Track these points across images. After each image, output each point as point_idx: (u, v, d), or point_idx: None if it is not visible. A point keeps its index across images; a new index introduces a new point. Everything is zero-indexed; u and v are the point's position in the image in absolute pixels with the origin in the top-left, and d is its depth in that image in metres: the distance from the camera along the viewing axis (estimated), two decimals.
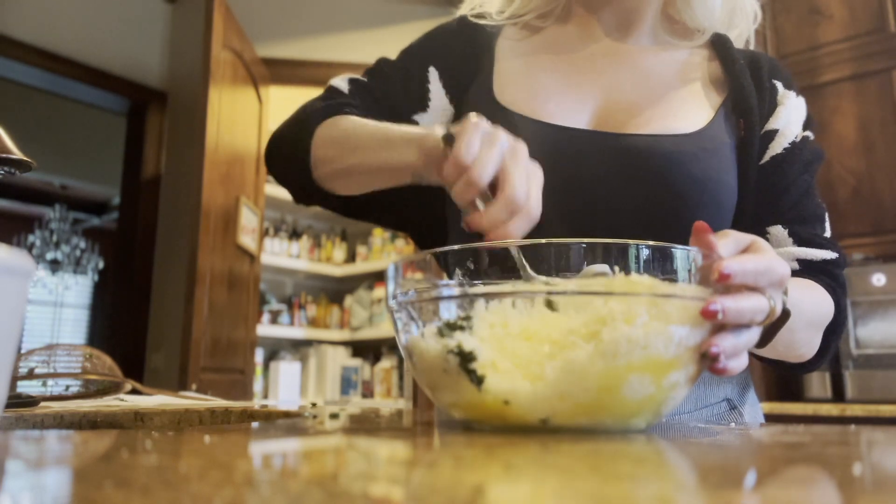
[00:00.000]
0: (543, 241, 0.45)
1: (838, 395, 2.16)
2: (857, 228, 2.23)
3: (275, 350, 3.69)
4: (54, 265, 6.57)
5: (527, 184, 0.53)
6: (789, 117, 0.81)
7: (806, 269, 0.77)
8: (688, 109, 0.79)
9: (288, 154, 0.82)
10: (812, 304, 0.72)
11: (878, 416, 1.94)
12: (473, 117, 0.57)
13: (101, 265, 6.87)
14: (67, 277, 6.79)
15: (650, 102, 0.79)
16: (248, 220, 2.95)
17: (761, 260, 0.50)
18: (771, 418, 2.20)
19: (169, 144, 3.54)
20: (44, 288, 6.75)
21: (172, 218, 3.39)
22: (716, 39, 0.86)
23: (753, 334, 0.49)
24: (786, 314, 0.54)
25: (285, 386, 3.30)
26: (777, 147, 0.80)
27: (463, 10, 0.92)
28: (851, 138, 2.29)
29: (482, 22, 0.88)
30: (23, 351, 0.87)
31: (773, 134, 0.80)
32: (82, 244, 6.72)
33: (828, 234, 0.81)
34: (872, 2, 2.30)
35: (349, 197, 0.82)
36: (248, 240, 2.93)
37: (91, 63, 3.35)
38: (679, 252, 0.45)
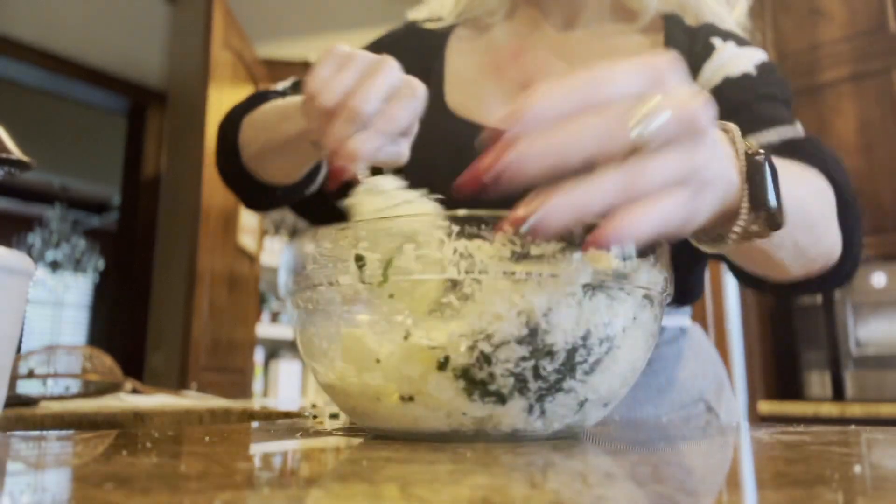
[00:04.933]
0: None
1: (838, 395, 2.16)
2: None
3: (275, 350, 3.69)
4: (54, 265, 6.57)
5: (377, 96, 0.46)
6: (718, 64, 0.71)
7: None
8: None
9: (221, 152, 0.77)
10: (802, 173, 0.54)
11: (878, 416, 1.94)
12: (333, 47, 0.49)
13: (101, 265, 6.87)
14: (67, 277, 6.79)
15: None
16: (248, 220, 2.95)
17: (587, 75, 0.32)
18: (771, 418, 2.20)
19: (169, 144, 3.54)
20: (44, 288, 6.74)
21: (172, 218, 3.39)
22: (668, 19, 0.81)
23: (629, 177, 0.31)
24: (766, 165, 0.37)
25: (285, 386, 3.29)
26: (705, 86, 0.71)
27: (414, 15, 0.89)
28: (851, 138, 2.29)
29: (431, 26, 0.85)
30: (23, 351, 0.87)
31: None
32: (82, 244, 6.72)
33: (799, 132, 0.66)
34: (872, 2, 2.30)
35: (298, 193, 0.75)
36: (248, 240, 2.93)
37: (91, 63, 3.34)
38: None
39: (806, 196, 0.50)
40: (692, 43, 0.77)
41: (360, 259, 0.39)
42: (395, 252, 0.39)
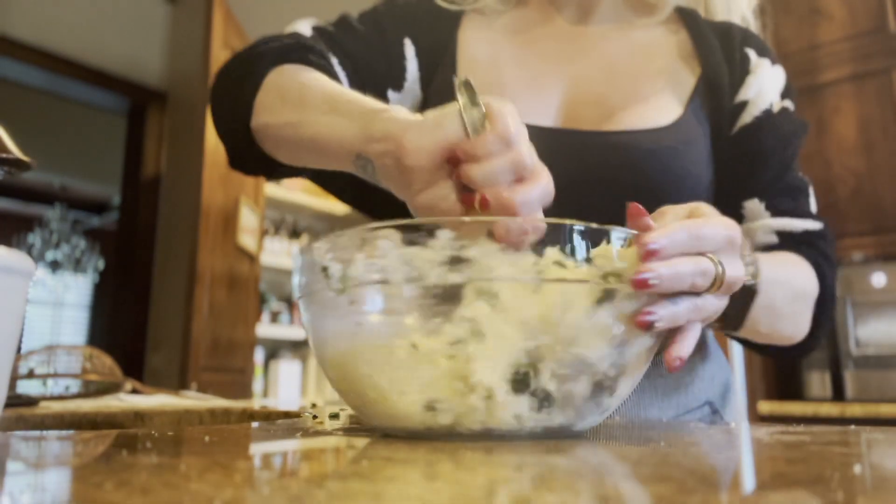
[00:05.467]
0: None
1: (838, 395, 2.16)
2: (857, 228, 2.23)
3: (275, 350, 3.69)
4: (54, 265, 6.57)
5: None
6: (761, 87, 0.76)
7: (786, 242, 0.72)
8: (661, 98, 0.74)
9: (230, 95, 0.68)
10: (791, 277, 0.67)
11: (878, 416, 1.94)
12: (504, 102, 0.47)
13: (101, 265, 6.87)
14: (67, 277, 6.79)
15: (620, 94, 0.74)
16: (248, 220, 2.95)
17: (696, 224, 0.45)
18: (771, 418, 2.20)
19: (169, 144, 3.54)
20: (44, 288, 6.74)
21: (172, 218, 3.39)
22: (684, 13, 0.81)
23: (700, 303, 0.45)
24: (750, 291, 0.50)
25: (285, 386, 3.29)
26: (747, 117, 0.75)
27: None
28: (851, 138, 2.29)
29: (443, 4, 0.82)
30: (23, 351, 0.87)
31: (743, 105, 0.75)
32: (82, 244, 6.72)
33: (813, 208, 0.76)
34: (872, 2, 2.30)
35: (306, 173, 0.70)
36: (248, 240, 2.93)
37: (91, 63, 3.34)
38: (613, 233, 0.41)
39: (781, 293, 0.63)
40: (727, 47, 0.77)
41: (325, 270, 0.42)
42: (350, 262, 0.41)
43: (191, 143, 3.02)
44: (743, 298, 0.52)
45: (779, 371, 2.37)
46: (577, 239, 0.40)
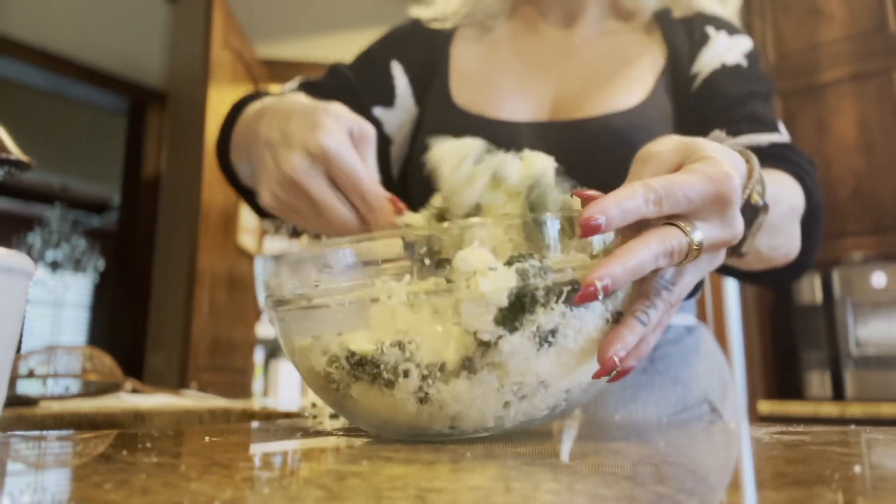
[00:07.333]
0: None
1: (838, 395, 2.16)
2: (857, 228, 2.23)
3: (275, 350, 3.69)
4: (54, 265, 6.57)
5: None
6: (714, 53, 0.77)
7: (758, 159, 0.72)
8: (631, 84, 0.78)
9: (218, 155, 0.76)
10: (783, 191, 0.62)
11: (878, 416, 1.94)
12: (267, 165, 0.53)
13: (101, 265, 6.87)
14: (67, 277, 6.79)
15: (597, 87, 0.78)
16: (248, 220, 2.95)
17: (666, 182, 0.38)
18: (771, 418, 2.20)
19: (169, 144, 3.54)
20: (44, 288, 6.74)
21: (172, 218, 3.39)
22: (657, 13, 0.84)
23: (672, 295, 0.41)
24: (757, 209, 0.46)
25: (285, 386, 3.29)
26: (699, 80, 0.77)
27: (419, 13, 0.91)
28: (851, 138, 2.29)
29: (436, 26, 0.88)
30: (23, 351, 0.87)
31: (696, 75, 0.77)
32: (82, 244, 6.72)
33: (784, 138, 0.72)
34: (872, 2, 2.30)
35: None
36: (248, 240, 2.93)
37: (91, 63, 3.34)
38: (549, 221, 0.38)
39: (778, 211, 0.56)
40: (690, 32, 0.81)
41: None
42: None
43: (191, 143, 3.02)
44: (751, 219, 0.46)
45: (779, 371, 2.38)
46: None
